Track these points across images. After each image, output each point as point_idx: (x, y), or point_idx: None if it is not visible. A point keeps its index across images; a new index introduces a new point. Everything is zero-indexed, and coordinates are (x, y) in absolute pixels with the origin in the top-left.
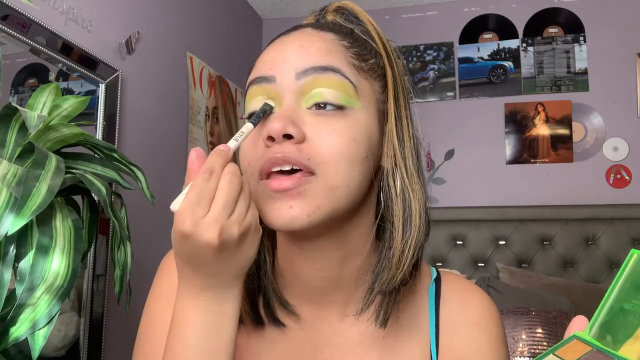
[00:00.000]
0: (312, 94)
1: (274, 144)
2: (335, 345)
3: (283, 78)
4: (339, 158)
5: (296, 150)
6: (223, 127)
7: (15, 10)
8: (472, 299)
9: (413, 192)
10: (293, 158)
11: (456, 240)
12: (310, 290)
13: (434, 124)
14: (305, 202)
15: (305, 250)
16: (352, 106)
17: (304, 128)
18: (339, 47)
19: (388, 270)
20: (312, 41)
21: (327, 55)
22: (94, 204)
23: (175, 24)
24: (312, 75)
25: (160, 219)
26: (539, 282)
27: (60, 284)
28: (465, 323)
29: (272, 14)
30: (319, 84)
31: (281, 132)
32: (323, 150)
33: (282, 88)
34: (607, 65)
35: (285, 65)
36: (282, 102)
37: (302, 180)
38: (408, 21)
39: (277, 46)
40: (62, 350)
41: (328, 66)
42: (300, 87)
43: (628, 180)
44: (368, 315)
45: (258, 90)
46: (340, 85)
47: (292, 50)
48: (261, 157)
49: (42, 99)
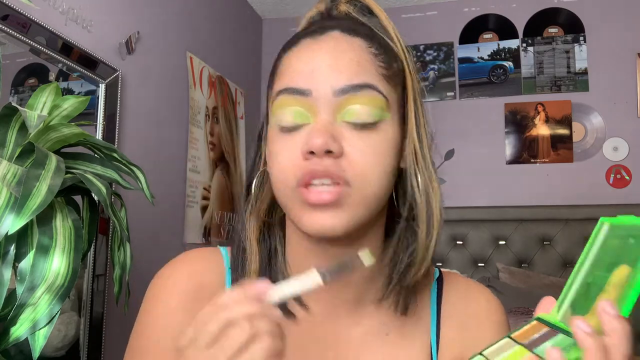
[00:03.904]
0: (348, 110)
1: (314, 157)
2: (340, 341)
3: (319, 92)
4: (373, 171)
5: (335, 164)
6: (223, 127)
7: (15, 10)
8: (473, 293)
9: (433, 191)
10: (333, 172)
11: (456, 240)
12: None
13: (434, 124)
14: (343, 213)
15: (321, 248)
16: (384, 119)
17: (342, 142)
18: (369, 56)
19: (412, 267)
20: (346, 52)
21: (361, 69)
22: (94, 204)
23: (175, 24)
24: (349, 93)
25: (160, 219)
26: (539, 282)
27: (60, 283)
28: (466, 317)
29: (272, 14)
30: (355, 101)
31: (323, 148)
32: (359, 165)
33: (317, 102)
34: (607, 65)
35: (321, 79)
36: (317, 114)
37: (340, 194)
38: (408, 21)
39: (309, 54)
40: (62, 350)
41: (364, 84)
42: (336, 103)
43: (628, 180)
44: (387, 305)
45: (291, 100)
46: (374, 102)
47: (328, 63)
48: (299, 167)
49: (42, 99)
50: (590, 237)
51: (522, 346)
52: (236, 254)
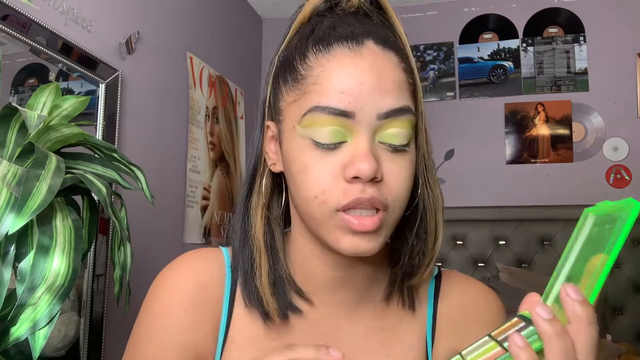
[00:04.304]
0: (387, 134)
1: (358, 182)
2: (338, 339)
3: (364, 115)
4: (405, 195)
5: (378, 192)
6: (223, 127)
7: (15, 10)
8: (470, 288)
9: (438, 196)
10: (378, 201)
11: (456, 240)
12: (321, 289)
13: (434, 124)
14: (380, 237)
15: (324, 249)
16: (412, 139)
17: (381, 166)
18: (403, 75)
19: (419, 268)
20: (386, 70)
21: (401, 91)
22: (94, 204)
23: (175, 24)
24: (391, 117)
25: (160, 219)
26: (539, 282)
27: (60, 283)
28: (462, 311)
29: (272, 14)
30: (395, 125)
31: (371, 176)
32: (396, 190)
33: (360, 124)
34: (607, 65)
35: (367, 102)
36: (358, 135)
37: (382, 221)
38: (408, 21)
39: (350, 70)
40: (62, 350)
41: (405, 107)
42: (378, 126)
43: (628, 180)
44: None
45: (332, 120)
46: (410, 124)
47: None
48: (343, 191)
49: (42, 99)
50: (575, 230)
51: (495, 342)
52: (242, 256)
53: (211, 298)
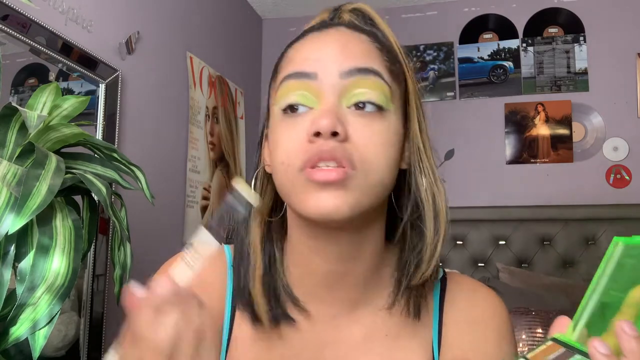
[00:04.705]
0: (354, 94)
1: (319, 140)
2: (340, 342)
3: (326, 75)
4: (377, 158)
5: (341, 147)
6: (223, 127)
7: (15, 10)
8: (478, 296)
9: (439, 190)
10: (340, 154)
11: (456, 240)
12: (319, 286)
13: (434, 124)
14: (348, 194)
15: (321, 242)
16: (388, 108)
17: (347, 127)
18: (375, 49)
19: (419, 266)
20: (352, 41)
21: (368, 57)
22: (94, 204)
23: (175, 24)
24: (356, 76)
25: (160, 219)
26: (539, 282)
27: (60, 283)
28: (470, 319)
29: (272, 14)
30: (362, 85)
31: (330, 129)
32: (364, 150)
33: (324, 85)
34: (607, 65)
35: (328, 63)
36: (323, 99)
37: (347, 174)
38: (408, 21)
39: (315, 43)
40: (62, 350)
41: (371, 68)
42: (342, 86)
43: (628, 180)
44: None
45: (297, 84)
46: (380, 88)
47: (335, 49)
48: (305, 150)
49: (42, 99)
50: (604, 256)
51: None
52: (239, 259)
53: (213, 295)
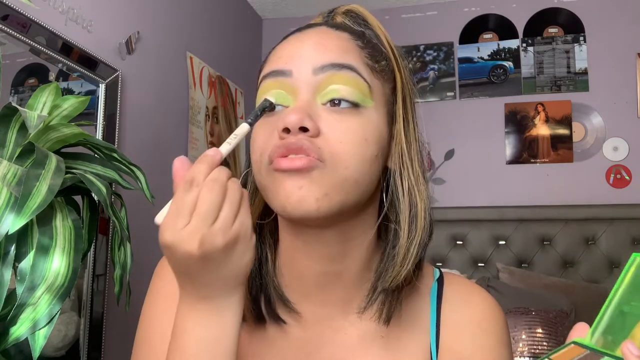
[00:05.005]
0: (328, 90)
1: (289, 136)
2: (335, 344)
3: (300, 72)
4: (350, 154)
5: (309, 141)
6: (223, 127)
7: (15, 10)
8: (475, 299)
9: (419, 193)
10: (306, 146)
11: (456, 240)
12: (311, 288)
13: (434, 124)
14: (314, 185)
15: (308, 243)
16: (365, 105)
17: (319, 123)
18: (354, 46)
19: (392, 268)
20: (329, 38)
21: (344, 53)
22: (94, 204)
23: (175, 24)
24: (330, 71)
25: None
26: (539, 282)
27: (60, 283)
28: (467, 323)
29: (272, 14)
30: (336, 81)
31: (298, 124)
32: (336, 145)
33: (298, 82)
34: (607, 65)
35: (302, 60)
36: (298, 96)
37: (312, 162)
38: (408, 21)
39: (293, 42)
40: (62, 350)
41: (345, 64)
42: (316, 83)
43: (628, 180)
44: (370, 313)
45: (273, 83)
46: (356, 83)
47: (310, 46)
48: (274, 145)
49: (42, 99)
50: (624, 268)
51: None
52: None
53: None
